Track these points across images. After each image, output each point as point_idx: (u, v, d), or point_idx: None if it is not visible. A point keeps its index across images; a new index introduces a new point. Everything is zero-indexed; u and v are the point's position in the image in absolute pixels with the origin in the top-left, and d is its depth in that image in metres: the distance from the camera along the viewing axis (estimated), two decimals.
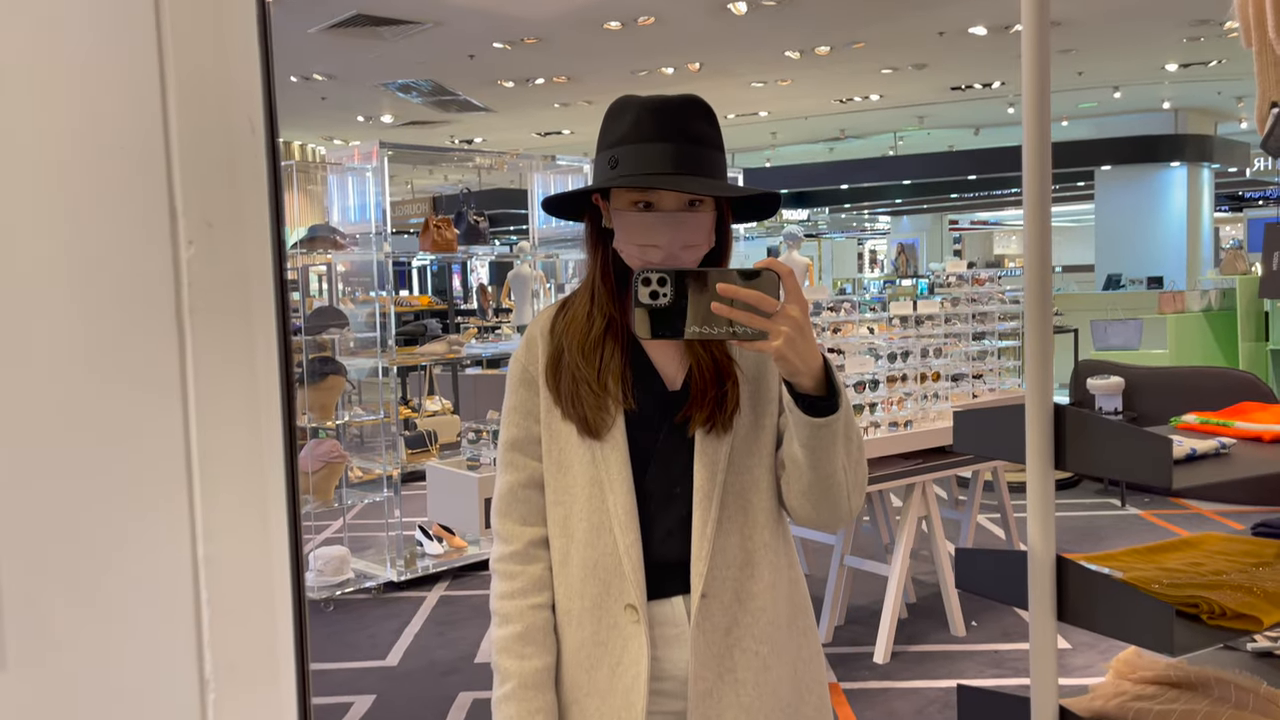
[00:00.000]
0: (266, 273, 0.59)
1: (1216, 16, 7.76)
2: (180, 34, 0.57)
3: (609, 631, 1.28)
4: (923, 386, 4.05)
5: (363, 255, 5.01)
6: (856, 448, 1.26)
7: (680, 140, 1.24)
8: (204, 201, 0.58)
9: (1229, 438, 1.59)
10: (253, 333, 0.60)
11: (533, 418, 1.33)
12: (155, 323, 0.58)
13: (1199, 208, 12.89)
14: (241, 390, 0.60)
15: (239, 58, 0.58)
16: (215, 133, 0.58)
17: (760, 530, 1.31)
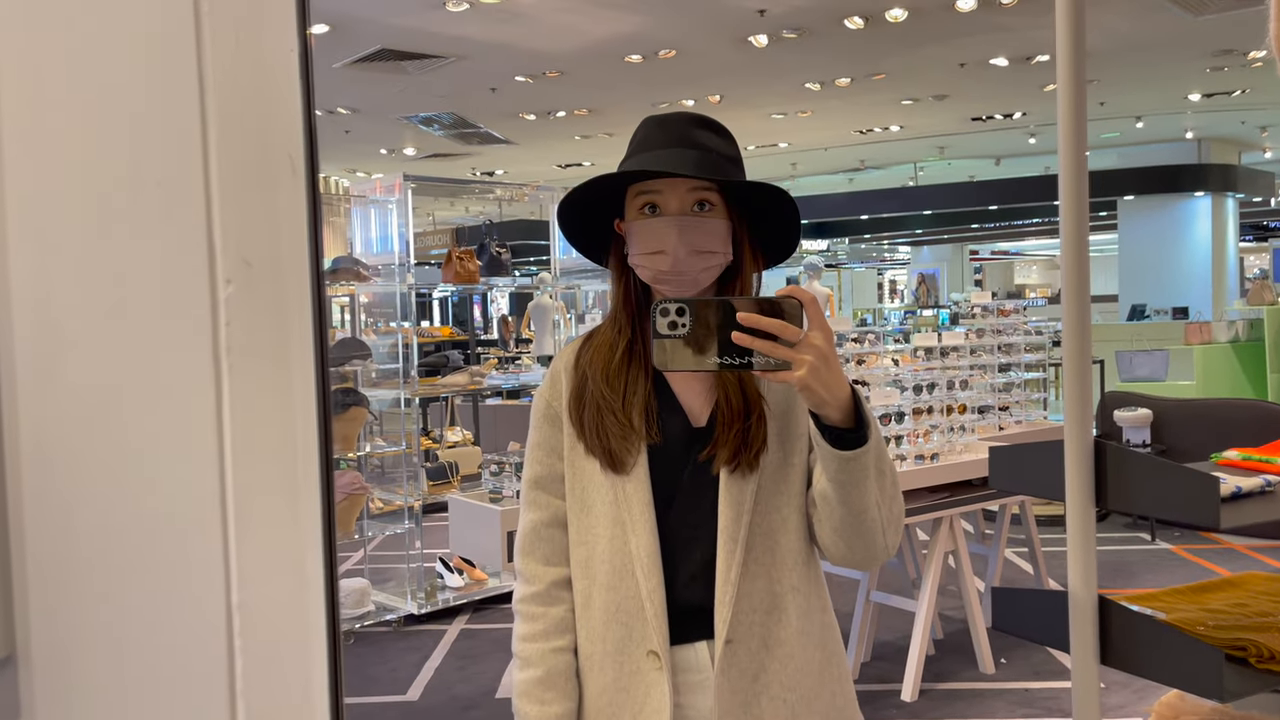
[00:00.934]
0: (305, 312, 0.58)
1: (1240, 47, 7.73)
2: (222, 70, 0.56)
3: (631, 678, 1.25)
4: (949, 419, 4.01)
5: (385, 287, 5.04)
6: (890, 482, 1.22)
7: (688, 145, 1.22)
8: (242, 240, 0.57)
9: (1273, 475, 1.56)
10: (291, 372, 0.58)
11: (556, 455, 1.31)
12: (193, 361, 0.57)
13: (1224, 237, 12.79)
14: (279, 430, 0.58)
15: (281, 95, 0.57)
16: (255, 170, 0.57)
17: (789, 573, 1.26)
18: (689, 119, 1.26)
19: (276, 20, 0.57)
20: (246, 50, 0.56)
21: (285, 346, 0.58)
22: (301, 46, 0.57)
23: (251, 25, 0.57)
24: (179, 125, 0.56)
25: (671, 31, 6.63)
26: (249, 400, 0.57)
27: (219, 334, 0.57)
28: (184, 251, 0.56)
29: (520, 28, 6.37)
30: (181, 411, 0.56)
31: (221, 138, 0.56)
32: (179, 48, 0.56)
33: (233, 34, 0.56)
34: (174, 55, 0.56)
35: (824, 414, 1.12)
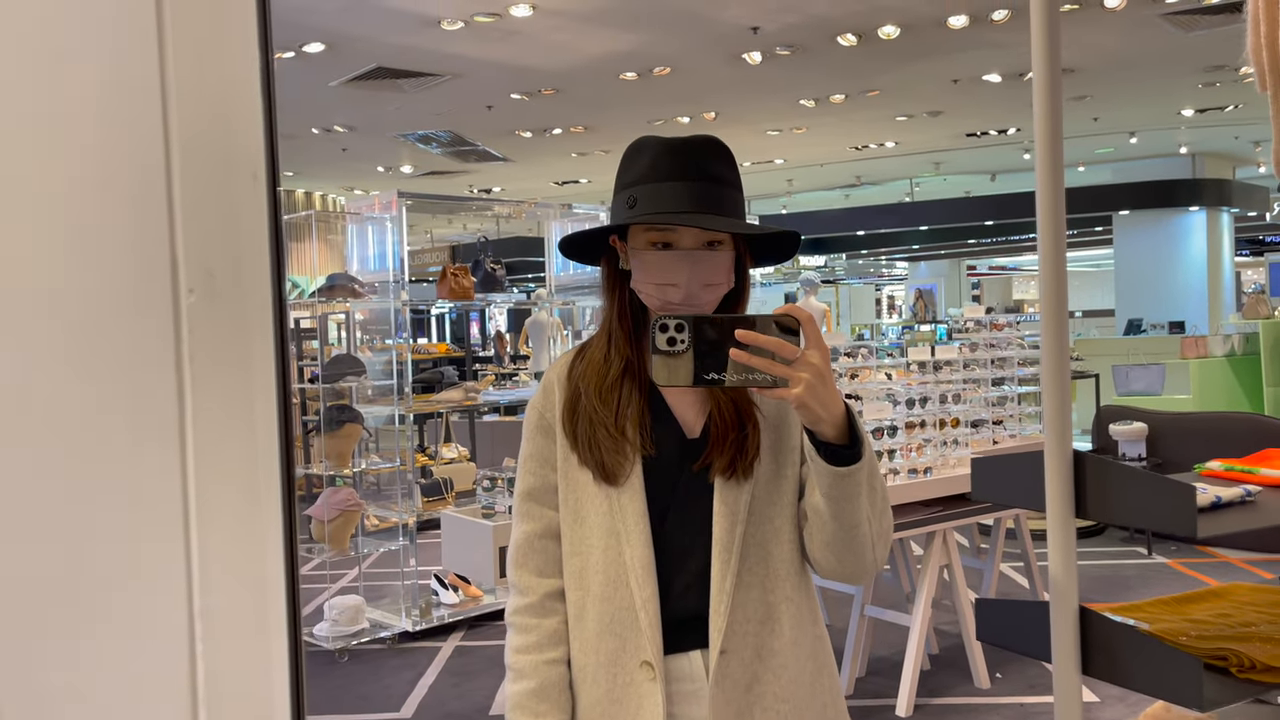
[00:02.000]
0: (267, 322, 0.59)
1: (1231, 62, 7.78)
2: (184, 84, 0.57)
3: (624, 689, 1.25)
4: (942, 433, 4.01)
5: (381, 304, 5.05)
6: (881, 498, 1.24)
7: (699, 179, 1.23)
8: (205, 250, 0.58)
9: (1254, 485, 1.56)
10: (252, 382, 0.59)
11: (549, 466, 1.31)
12: (155, 370, 0.57)
13: (1219, 252, 12.82)
14: (240, 440, 0.59)
15: (243, 109, 0.58)
16: (218, 183, 0.58)
17: (782, 583, 1.27)
18: (698, 147, 1.26)
19: (238, 35, 0.58)
20: (209, 65, 0.57)
21: (247, 356, 0.58)
22: (263, 61, 0.58)
23: (213, 40, 0.58)
24: (142, 138, 0.57)
25: (666, 49, 6.67)
26: (211, 409, 0.58)
27: (181, 342, 0.57)
28: (147, 261, 0.57)
29: (516, 46, 6.41)
30: (144, 420, 0.57)
31: (184, 151, 0.57)
32: (142, 62, 0.57)
33: (195, 48, 0.57)
34: (137, 70, 0.57)
35: (819, 430, 1.14)
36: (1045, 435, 1.31)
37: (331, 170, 10.76)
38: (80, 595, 0.55)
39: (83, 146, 0.56)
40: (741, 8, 5.87)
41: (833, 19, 6.16)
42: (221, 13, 0.58)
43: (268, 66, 0.58)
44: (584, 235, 1.35)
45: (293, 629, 0.60)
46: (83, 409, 0.56)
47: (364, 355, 5.57)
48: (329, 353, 6.68)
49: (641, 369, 1.30)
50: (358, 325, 7.24)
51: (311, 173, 10.89)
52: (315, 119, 8.31)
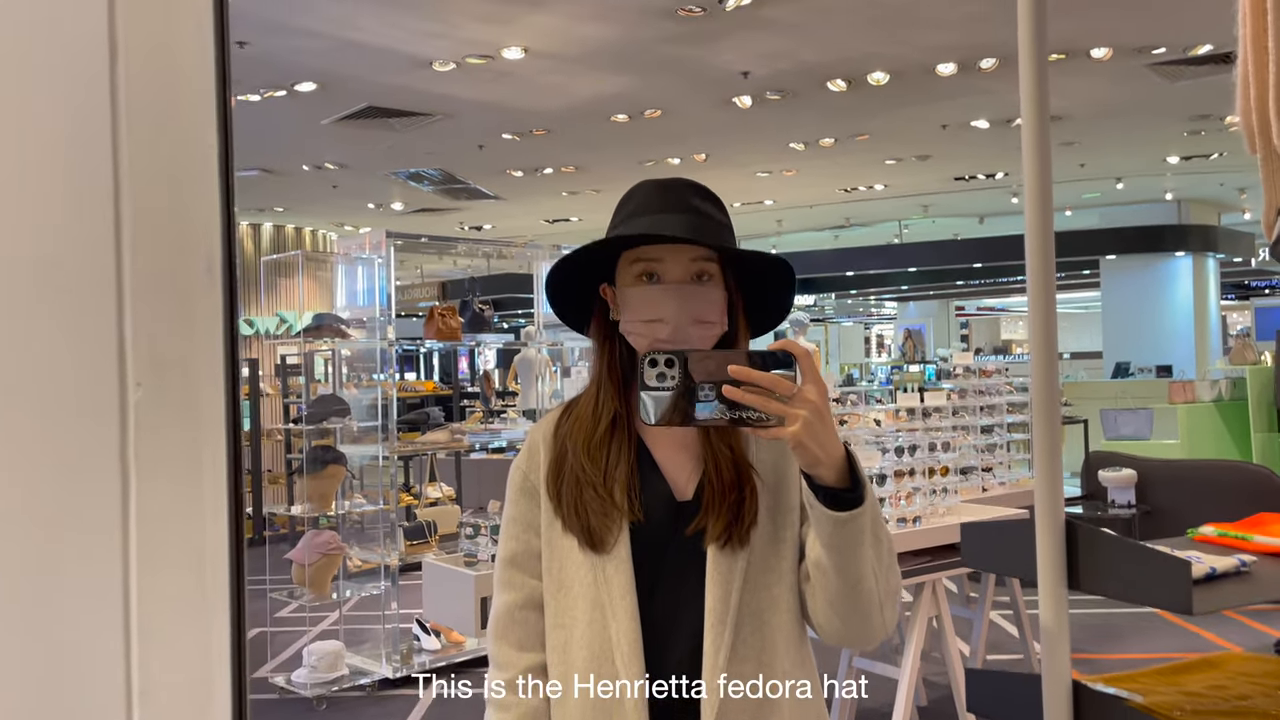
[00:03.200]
0: (219, 418, 0.56)
1: (1216, 112, 7.87)
2: (138, 169, 0.55)
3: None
4: (931, 481, 3.98)
5: (368, 343, 5.02)
6: (887, 550, 1.16)
7: (687, 211, 1.20)
8: (155, 343, 0.55)
9: (1249, 554, 1.53)
10: (201, 481, 0.56)
11: (533, 531, 1.26)
12: (98, 468, 0.54)
13: (1205, 296, 12.91)
14: (188, 543, 0.55)
15: (199, 195, 0.56)
16: (171, 272, 0.55)
17: (780, 658, 1.20)
18: (687, 186, 1.24)
19: (196, 118, 0.55)
20: (164, 148, 0.55)
21: (197, 455, 0.55)
22: (221, 145, 0.55)
23: (170, 123, 0.55)
24: (92, 224, 0.54)
25: (657, 92, 6.71)
26: (157, 509, 0.55)
27: (127, 440, 0.54)
28: (94, 354, 0.54)
29: (507, 87, 6.44)
30: (85, 521, 0.54)
31: (136, 238, 0.54)
32: (94, 145, 0.54)
33: (150, 131, 0.54)
34: (89, 153, 0.54)
35: (817, 474, 1.07)
36: (1036, 508, 1.28)
37: (322, 207, 10.76)
38: (16, 701, 0.52)
39: (29, 228, 0.53)
40: (732, 53, 5.92)
41: (823, 65, 6.21)
42: (180, 94, 0.55)
43: (227, 152, 0.55)
44: (569, 263, 1.26)
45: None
46: (21, 510, 0.52)
47: (350, 392, 5.52)
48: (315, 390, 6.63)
49: (631, 425, 1.24)
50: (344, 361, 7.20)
51: (302, 209, 10.89)
52: (306, 156, 8.32)
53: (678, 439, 1.25)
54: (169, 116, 0.55)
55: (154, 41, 0.55)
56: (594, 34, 5.48)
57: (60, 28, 0.55)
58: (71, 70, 0.54)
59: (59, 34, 0.54)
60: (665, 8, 5.11)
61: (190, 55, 0.56)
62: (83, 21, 0.54)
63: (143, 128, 0.54)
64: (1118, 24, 5.67)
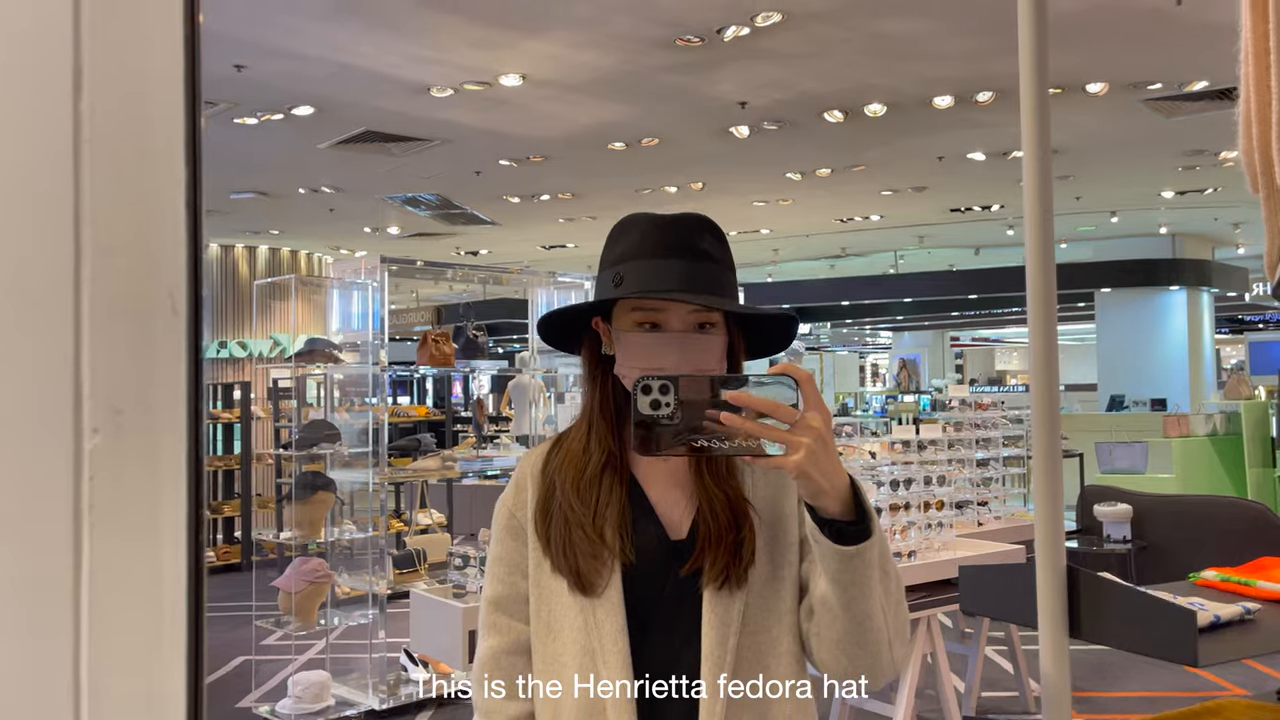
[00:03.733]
0: (180, 467, 0.52)
1: (1211, 147, 7.91)
2: (100, 201, 0.52)
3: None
4: (926, 515, 3.94)
5: (360, 368, 4.98)
6: (895, 585, 1.10)
7: (689, 256, 1.15)
8: (114, 385, 0.52)
9: (1252, 600, 1.50)
10: (160, 534, 0.52)
11: (519, 572, 1.21)
12: (50, 521, 0.51)
13: (1200, 330, 12.94)
14: (144, 600, 0.52)
15: (165, 229, 0.53)
16: (132, 310, 0.52)
17: (779, 706, 1.15)
18: (688, 225, 1.18)
19: (163, 147, 0.53)
20: (129, 179, 0.52)
21: (155, 505, 0.52)
22: (190, 176, 0.53)
23: (135, 152, 0.52)
24: (50, 261, 0.51)
25: (655, 121, 6.72)
26: (112, 564, 0.51)
27: (81, 489, 0.51)
28: (48, 399, 0.50)
29: (505, 114, 6.45)
30: (33, 576, 0.50)
31: (97, 275, 0.51)
32: (55, 178, 0.51)
33: (114, 164, 0.52)
34: (49, 185, 0.51)
35: (821, 505, 1.01)
36: (1037, 557, 1.25)
37: (318, 230, 10.75)
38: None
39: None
40: (730, 83, 5.93)
41: (820, 96, 6.23)
42: (147, 125, 0.53)
43: (195, 184, 0.52)
44: (564, 314, 1.25)
45: None
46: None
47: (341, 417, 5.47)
48: (306, 414, 6.59)
49: (624, 462, 1.19)
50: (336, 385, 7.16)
51: (298, 232, 10.88)
52: (302, 180, 8.31)
53: (671, 476, 1.21)
54: (135, 148, 0.52)
55: (120, 70, 0.52)
56: (592, 62, 5.50)
57: (23, 54, 0.52)
58: (32, 99, 0.51)
59: (20, 60, 0.52)
60: (663, 37, 5.13)
61: (158, 85, 0.53)
62: (46, 49, 0.52)
63: (106, 160, 0.51)
64: (1114, 60, 5.70)
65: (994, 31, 5.05)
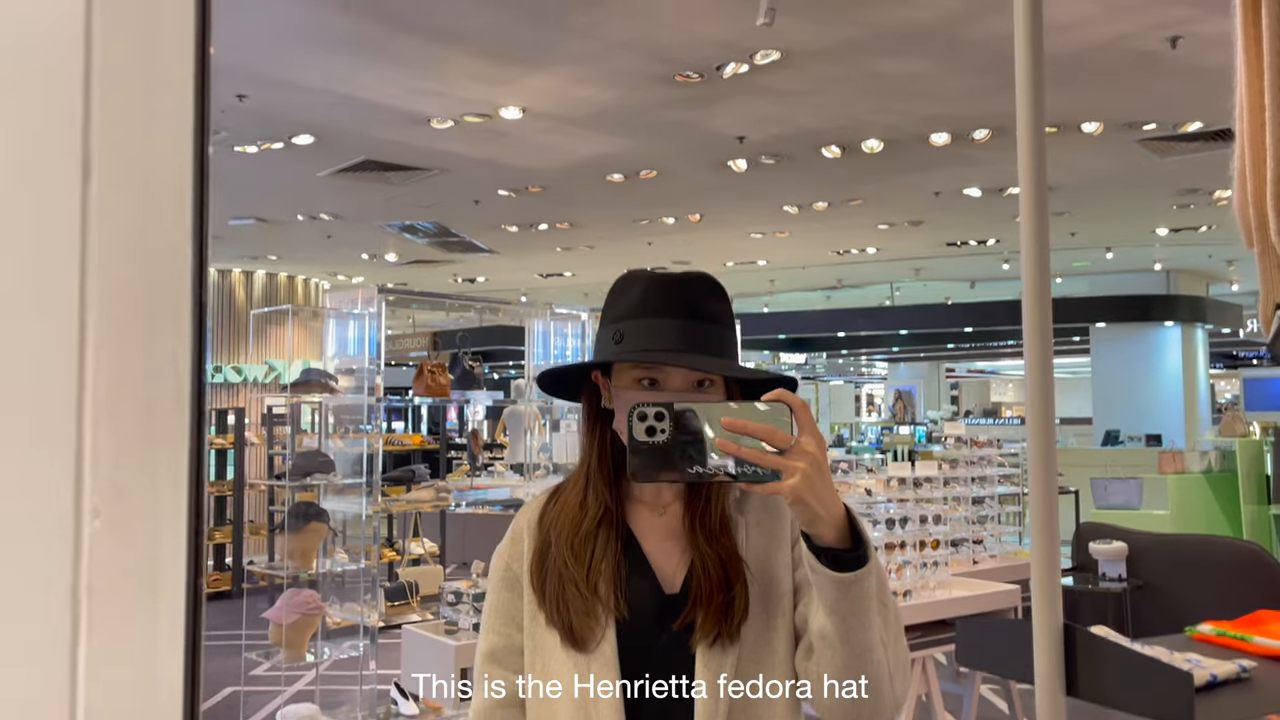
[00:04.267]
0: (180, 550, 0.52)
1: (1204, 186, 7.98)
2: (107, 288, 0.52)
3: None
4: (922, 554, 3.93)
5: (355, 397, 4.97)
6: (894, 619, 1.09)
7: (690, 317, 1.16)
8: (115, 467, 0.52)
9: (1249, 657, 1.50)
10: (157, 620, 0.52)
11: (514, 625, 1.21)
12: (48, 604, 0.50)
13: (1194, 366, 12.98)
14: (140, 687, 0.52)
15: (169, 319, 0.53)
16: (135, 392, 0.52)
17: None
18: (691, 283, 1.20)
19: (170, 234, 0.53)
20: (134, 264, 0.52)
21: (154, 589, 0.52)
22: (196, 261, 0.53)
23: (142, 238, 0.52)
24: (54, 341, 0.51)
25: (653, 154, 6.77)
26: (108, 649, 0.51)
27: (80, 573, 0.51)
28: (50, 483, 0.50)
29: (504, 145, 6.48)
30: (28, 663, 0.50)
31: (101, 360, 0.51)
32: (62, 261, 0.51)
33: (121, 247, 0.52)
34: (56, 268, 0.51)
35: (817, 532, 1.01)
36: (1034, 613, 1.24)
37: (316, 256, 10.78)
38: None
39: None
40: (728, 118, 5.98)
41: (817, 131, 6.28)
42: (155, 214, 0.53)
43: (201, 276, 0.53)
44: (565, 371, 1.28)
45: None
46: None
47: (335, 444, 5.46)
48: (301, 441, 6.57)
49: (620, 518, 1.20)
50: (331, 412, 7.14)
51: (295, 258, 10.90)
52: (301, 207, 8.34)
53: (666, 529, 1.23)
54: (142, 234, 0.52)
55: (128, 157, 0.52)
56: (592, 97, 5.54)
57: (32, 142, 0.52)
58: (39, 184, 0.52)
59: (29, 144, 0.52)
60: (663, 73, 5.17)
61: (168, 171, 0.53)
62: (55, 141, 0.52)
63: (113, 246, 0.52)
64: (1109, 100, 5.76)
65: (990, 71, 5.10)
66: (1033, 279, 1.21)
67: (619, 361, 1.18)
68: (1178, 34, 4.69)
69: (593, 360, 1.21)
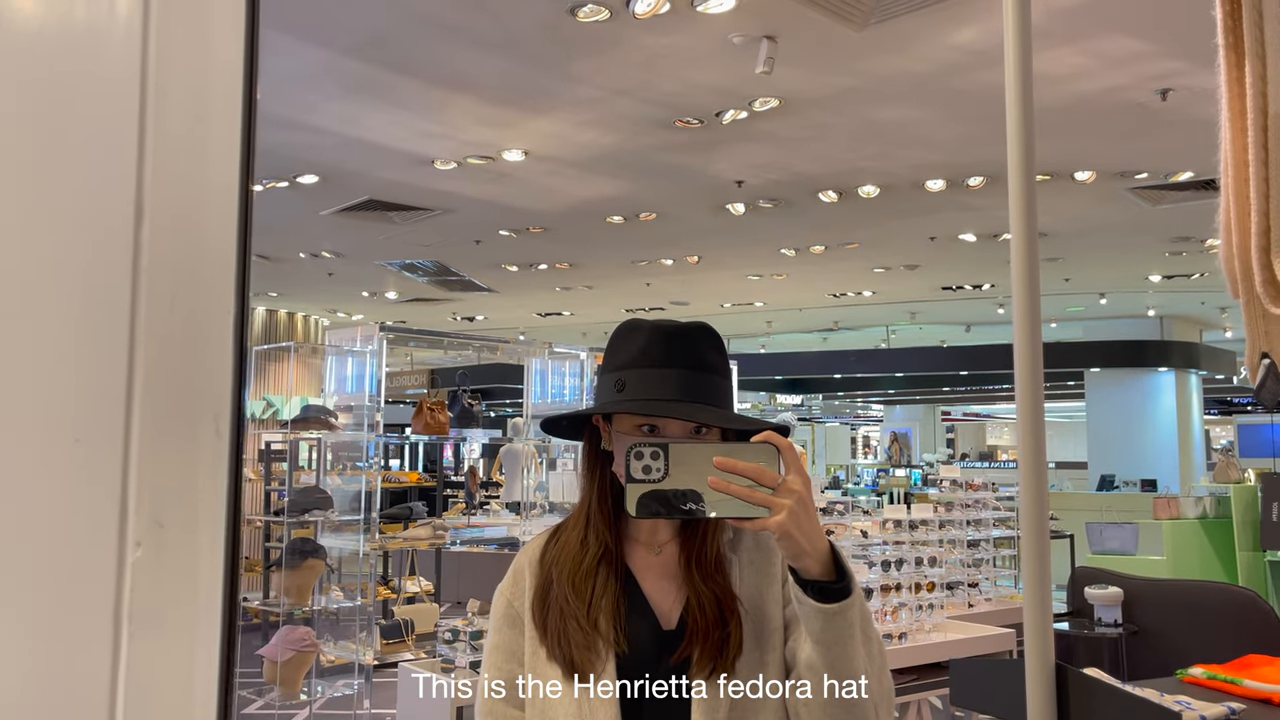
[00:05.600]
0: (216, 582, 0.56)
1: (1197, 234, 8.07)
2: (153, 328, 0.56)
3: None
4: (917, 597, 3.94)
5: (354, 434, 5.00)
6: (878, 650, 1.15)
7: (689, 367, 1.21)
8: (157, 501, 0.55)
9: (1238, 700, 1.52)
10: (194, 648, 0.55)
11: (515, 660, 1.24)
12: (90, 629, 0.54)
13: (1189, 412, 13.02)
14: (176, 710, 0.55)
15: (212, 357, 0.57)
16: (178, 430, 0.56)
17: None
18: (690, 334, 1.25)
19: (215, 281, 0.57)
20: (180, 309, 0.56)
21: (192, 619, 0.55)
22: (238, 309, 0.57)
23: (189, 286, 0.56)
24: (104, 380, 0.55)
25: (653, 197, 6.85)
26: (148, 673, 0.54)
27: (122, 600, 0.54)
28: (96, 513, 0.54)
29: (506, 187, 6.57)
30: (73, 681, 0.53)
31: (146, 398, 0.55)
32: (113, 304, 0.55)
33: (169, 293, 0.56)
34: (105, 309, 0.55)
35: (802, 566, 1.06)
36: (1026, 654, 1.27)
37: (316, 293, 10.84)
38: None
39: (42, 384, 0.54)
40: (727, 162, 6.07)
41: (815, 177, 6.37)
42: (202, 260, 0.57)
43: (243, 317, 0.56)
44: (569, 418, 1.32)
45: None
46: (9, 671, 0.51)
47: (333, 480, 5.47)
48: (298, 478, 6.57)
49: (620, 556, 1.25)
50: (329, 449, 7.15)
51: (296, 295, 10.96)
52: (303, 245, 8.41)
53: (664, 568, 1.27)
54: (190, 283, 0.56)
55: (180, 209, 0.56)
56: (593, 140, 5.62)
57: (88, 188, 0.56)
58: (95, 230, 0.56)
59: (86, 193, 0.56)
60: (663, 119, 5.26)
61: (215, 224, 0.57)
62: (110, 184, 0.56)
63: (162, 291, 0.56)
64: (1101, 150, 5.86)
65: (984, 120, 5.19)
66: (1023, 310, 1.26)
67: (620, 411, 1.23)
68: (1168, 86, 4.80)
69: (594, 408, 1.26)
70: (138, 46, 0.55)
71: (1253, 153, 1.46)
